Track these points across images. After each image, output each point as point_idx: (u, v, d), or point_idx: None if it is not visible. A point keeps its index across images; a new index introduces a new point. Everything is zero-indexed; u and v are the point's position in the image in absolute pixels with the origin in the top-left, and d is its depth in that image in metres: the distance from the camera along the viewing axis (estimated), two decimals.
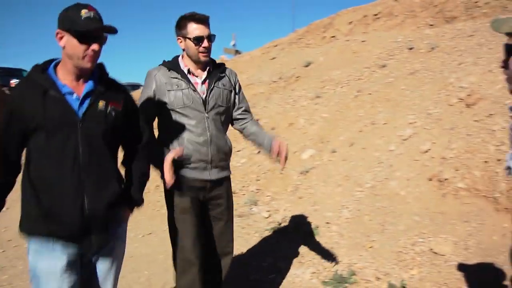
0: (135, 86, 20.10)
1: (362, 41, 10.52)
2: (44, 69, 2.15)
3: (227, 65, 3.30)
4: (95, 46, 2.08)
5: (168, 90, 2.93)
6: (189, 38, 2.90)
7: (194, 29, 2.89)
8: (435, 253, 4.21)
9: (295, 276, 4.35)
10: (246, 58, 13.98)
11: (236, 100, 3.24)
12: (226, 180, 3.22)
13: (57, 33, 2.09)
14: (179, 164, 2.90)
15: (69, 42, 2.07)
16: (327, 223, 5.11)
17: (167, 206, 3.10)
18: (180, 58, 3.06)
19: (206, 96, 2.97)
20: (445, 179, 5.09)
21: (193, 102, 2.93)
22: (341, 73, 9.09)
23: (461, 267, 3.97)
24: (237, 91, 3.23)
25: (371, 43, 10.25)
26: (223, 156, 3.12)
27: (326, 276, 4.24)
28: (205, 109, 2.96)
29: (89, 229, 2.19)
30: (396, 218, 4.84)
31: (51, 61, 2.22)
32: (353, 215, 5.12)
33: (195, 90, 2.96)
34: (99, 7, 2.17)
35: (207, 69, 3.04)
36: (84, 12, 2.05)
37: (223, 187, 3.17)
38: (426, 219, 4.70)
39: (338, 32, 13.74)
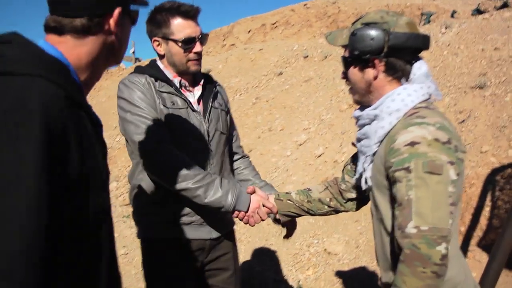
0: None
1: (260, 50, 10.78)
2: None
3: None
4: None
5: (166, 108, 1.99)
6: (174, 40, 1.97)
7: (182, 27, 1.96)
8: (329, 253, 4.39)
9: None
10: None
11: (231, 126, 2.34)
12: (231, 234, 2.31)
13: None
14: (170, 219, 2.07)
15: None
16: None
17: (147, 278, 2.17)
18: (161, 65, 2.09)
19: (204, 121, 2.10)
20: None
21: (194, 128, 2.04)
22: (239, 80, 9.25)
23: (353, 264, 4.17)
24: (230, 112, 2.35)
25: (269, 51, 10.54)
26: None
27: None
28: (208, 138, 2.08)
29: None
30: None
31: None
32: None
33: (194, 110, 2.06)
34: None
35: (201, 82, 2.15)
36: None
37: (227, 245, 2.26)
38: (320, 221, 4.88)
39: (238, 40, 14.01)
